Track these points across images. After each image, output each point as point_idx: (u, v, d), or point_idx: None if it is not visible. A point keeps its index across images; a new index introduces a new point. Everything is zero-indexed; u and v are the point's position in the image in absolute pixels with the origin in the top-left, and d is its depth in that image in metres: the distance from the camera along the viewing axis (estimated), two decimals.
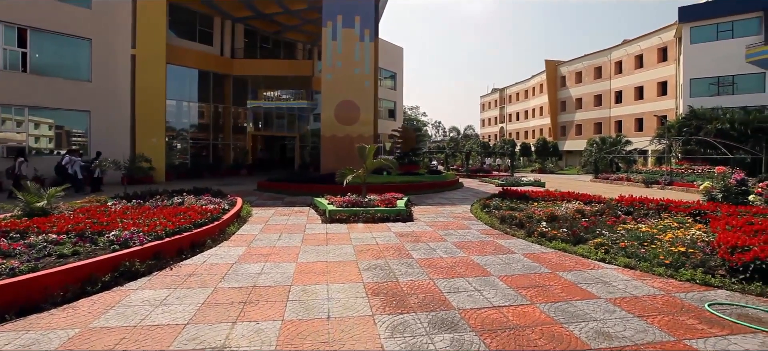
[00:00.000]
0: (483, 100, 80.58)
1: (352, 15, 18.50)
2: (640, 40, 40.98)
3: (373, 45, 18.92)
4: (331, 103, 18.03)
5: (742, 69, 29.21)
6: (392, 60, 37.16)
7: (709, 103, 29.68)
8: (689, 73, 31.75)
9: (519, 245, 6.60)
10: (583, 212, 8.63)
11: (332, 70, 18.24)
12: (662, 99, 37.69)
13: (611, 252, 5.86)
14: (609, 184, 23.83)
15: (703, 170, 21.78)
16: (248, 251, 6.05)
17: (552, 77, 53.37)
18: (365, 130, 17.97)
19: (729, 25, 30.04)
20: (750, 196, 9.40)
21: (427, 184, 15.01)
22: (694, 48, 31.41)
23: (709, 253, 5.37)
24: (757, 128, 26.18)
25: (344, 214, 8.63)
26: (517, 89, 65.81)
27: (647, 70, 39.62)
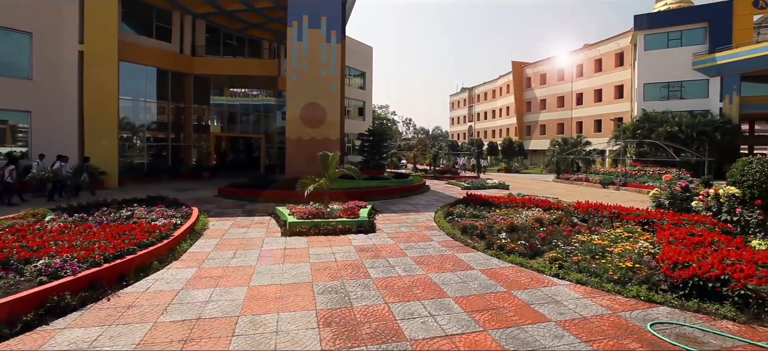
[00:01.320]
0: (452, 98, 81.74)
1: (318, 15, 18.11)
2: (599, 44, 42.80)
3: (339, 46, 18.61)
4: (297, 105, 17.61)
5: (690, 75, 31.13)
6: (361, 59, 36.91)
7: (661, 106, 31.47)
8: (643, 77, 33.47)
9: (478, 260, 6.65)
10: (542, 221, 8.83)
11: (297, 72, 17.80)
12: (619, 102, 39.57)
13: (565, 266, 6.00)
14: (569, 184, 24.76)
15: (653, 172, 23.02)
16: (198, 274, 5.74)
17: (518, 78, 54.86)
18: (331, 132, 17.69)
19: (678, 34, 31.90)
20: (693, 202, 9.96)
21: (393, 188, 14.98)
22: (648, 54, 33.14)
23: (653, 267, 5.60)
24: (701, 131, 28.08)
25: (305, 227, 8.41)
26: (485, 89, 67.18)
27: (606, 73, 41.46)
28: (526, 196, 13.12)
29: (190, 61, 21.84)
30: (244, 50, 25.60)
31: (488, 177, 21.60)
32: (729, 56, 28.42)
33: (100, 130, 16.39)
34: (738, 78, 28.91)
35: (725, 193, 9.03)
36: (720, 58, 28.98)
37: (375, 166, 16.98)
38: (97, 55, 16.36)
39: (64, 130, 15.72)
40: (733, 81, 29.03)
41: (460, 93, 77.62)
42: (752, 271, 4.87)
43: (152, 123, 21.04)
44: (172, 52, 20.98)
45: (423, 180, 18.48)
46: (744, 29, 29.13)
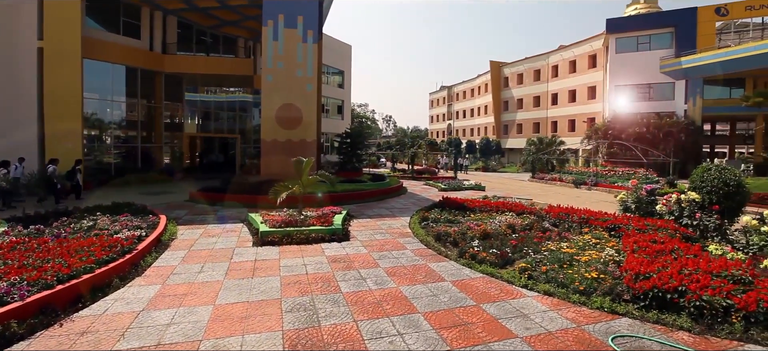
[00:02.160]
0: (432, 96, 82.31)
1: (295, 15, 17.81)
2: (574, 46, 43.95)
3: (316, 47, 18.37)
4: (272, 106, 17.29)
5: (657, 78, 32.34)
6: (340, 58, 36.62)
7: (631, 108, 32.62)
8: (614, 79, 34.58)
9: (450, 270, 6.68)
10: (514, 227, 8.97)
11: (273, 72, 17.46)
12: (592, 102, 40.79)
13: (534, 276, 6.11)
14: (544, 184, 25.34)
15: (623, 172, 23.84)
16: (162, 292, 5.52)
17: (496, 78, 55.73)
18: (308, 134, 17.48)
19: (647, 38, 33.08)
20: (657, 206, 10.33)
21: (370, 192, 14.92)
22: (619, 57, 34.24)
23: (618, 276, 5.76)
24: (667, 132, 29.26)
25: (277, 236, 8.26)
26: (464, 88, 67.95)
27: (580, 75, 42.64)
28: (500, 200, 13.34)
29: (160, 58, 21.09)
30: (218, 48, 24.93)
31: (466, 178, 21.84)
32: (693, 60, 29.67)
33: (62, 132, 15.62)
34: (701, 81, 30.23)
35: (686, 198, 9.39)
36: (685, 62, 30.21)
37: (352, 169, 16.85)
38: (58, 53, 15.56)
39: (23, 133, 14.90)
40: (697, 84, 30.34)
41: (440, 91, 78.24)
42: (707, 282, 5.08)
43: (120, 123, 20.21)
44: (142, 50, 20.20)
45: (400, 182, 18.49)
46: (707, 35, 30.46)
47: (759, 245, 7.67)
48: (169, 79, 22.09)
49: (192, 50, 23.62)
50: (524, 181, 27.90)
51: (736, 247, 8.01)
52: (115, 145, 19.86)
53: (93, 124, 18.89)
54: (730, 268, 5.45)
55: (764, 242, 7.61)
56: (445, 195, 15.15)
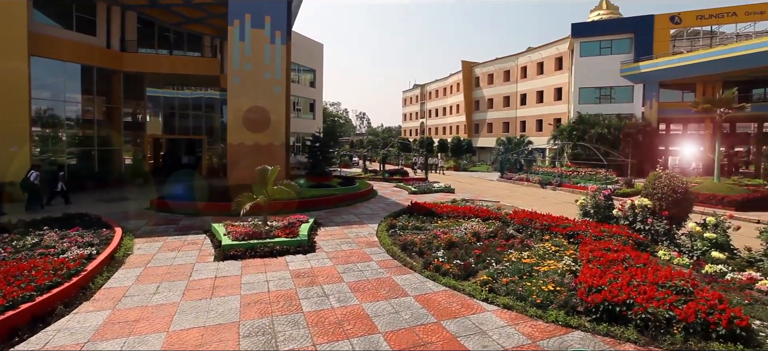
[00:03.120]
0: (405, 95, 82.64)
1: (262, 15, 17.36)
2: (541, 48, 45.21)
3: (285, 48, 17.99)
4: (239, 109, 16.80)
5: (618, 81, 33.84)
6: (311, 56, 36.11)
7: (594, 109, 33.95)
8: (579, 82, 35.86)
9: (413, 283, 6.72)
10: (479, 235, 9.14)
11: (239, 73, 16.97)
12: (558, 103, 42.15)
13: (495, 288, 6.25)
14: (512, 184, 26.01)
15: (586, 172, 24.82)
16: (111, 318, 5.25)
17: (467, 77, 56.61)
18: (276, 138, 17.11)
19: (609, 43, 34.49)
20: (614, 211, 10.82)
21: (339, 197, 14.79)
22: (583, 60, 35.52)
23: (573, 288, 5.97)
24: (626, 133, 30.67)
25: (240, 249, 8.04)
26: (437, 86, 68.59)
27: (547, 76, 43.95)
28: (468, 204, 13.57)
29: (119, 56, 20.04)
30: (183, 45, 23.95)
31: (439, 179, 22.04)
32: (650, 65, 31.23)
33: (6, 135, 14.58)
34: (657, 85, 31.88)
35: (640, 204, 9.88)
36: (643, 66, 31.76)
37: (321, 173, 16.63)
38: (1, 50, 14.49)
39: None
40: (653, 88, 31.98)
41: (413, 89, 78.66)
42: (653, 293, 5.35)
43: (75, 125, 19.07)
44: (98, 47, 19.10)
45: (370, 185, 18.45)
46: (663, 41, 32.12)
47: (702, 250, 8.19)
48: (130, 77, 21.05)
49: (154, 48, 22.59)
50: (493, 180, 28.55)
51: (682, 251, 8.52)
52: (70, 148, 18.72)
53: (44, 126, 17.73)
54: (674, 278, 5.76)
55: (706, 247, 8.13)
56: (414, 199, 15.26)
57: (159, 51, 22.72)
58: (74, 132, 19.01)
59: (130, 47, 20.63)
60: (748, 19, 29.94)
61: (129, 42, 20.63)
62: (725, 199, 16.28)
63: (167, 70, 21.32)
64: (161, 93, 24.95)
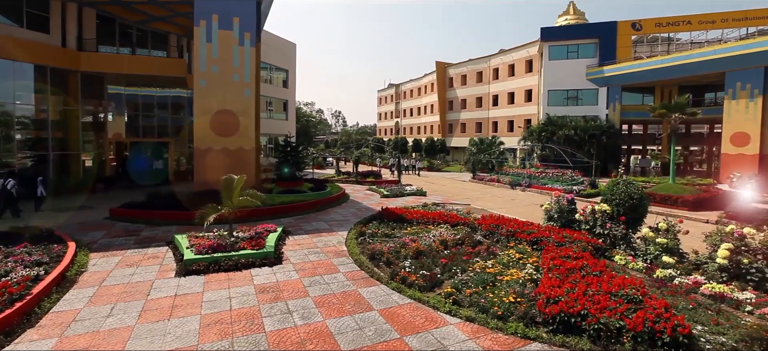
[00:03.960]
0: (380, 94, 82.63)
1: (230, 16, 16.91)
2: (513, 51, 46.22)
3: (254, 50, 17.60)
4: (206, 112, 16.33)
5: (584, 85, 35.11)
6: (284, 56, 35.53)
7: (562, 111, 35.09)
8: (548, 84, 36.95)
9: (379, 296, 6.74)
10: (446, 243, 9.26)
11: (207, 76, 16.48)
12: (528, 105, 43.26)
13: (459, 300, 6.35)
14: (483, 185, 26.54)
15: (553, 173, 25.63)
16: (58, 346, 4.97)
17: (441, 78, 57.21)
18: (245, 142, 16.75)
19: (576, 47, 35.72)
20: (576, 215, 11.22)
21: (310, 203, 14.60)
22: (552, 64, 36.61)
23: (533, 298, 6.14)
24: (591, 134, 31.89)
25: (203, 263, 7.82)
26: (412, 86, 68.95)
27: (518, 78, 44.99)
28: (438, 209, 13.71)
29: (76, 56, 19.01)
30: (147, 45, 23.00)
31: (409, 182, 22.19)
32: (613, 70, 32.58)
33: None
34: (620, 89, 33.30)
35: (599, 209, 10.28)
36: (607, 71, 33.09)
37: (292, 178, 16.38)
38: None
39: None
40: (616, 91, 33.39)
41: (388, 89, 78.75)
42: (606, 303, 5.58)
43: (27, 128, 17.96)
44: (52, 46, 18.05)
45: (342, 189, 18.35)
46: (625, 47, 33.57)
47: (654, 254, 8.62)
48: (89, 76, 20.02)
49: (115, 47, 21.58)
50: (466, 181, 29.04)
51: (637, 255, 8.94)
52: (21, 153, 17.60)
53: None
54: (626, 287, 6.03)
55: (658, 252, 8.56)
56: (385, 204, 15.30)
57: (120, 50, 21.73)
58: (27, 135, 17.91)
59: (88, 46, 19.63)
60: (701, 27, 31.73)
61: (87, 40, 19.62)
62: (679, 199, 17.19)
63: (129, 71, 20.45)
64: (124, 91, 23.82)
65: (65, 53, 18.62)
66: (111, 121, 23.55)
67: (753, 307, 6.19)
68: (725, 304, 6.44)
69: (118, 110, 23.87)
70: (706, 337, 5.25)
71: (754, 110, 24.28)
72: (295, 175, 16.57)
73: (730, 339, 5.18)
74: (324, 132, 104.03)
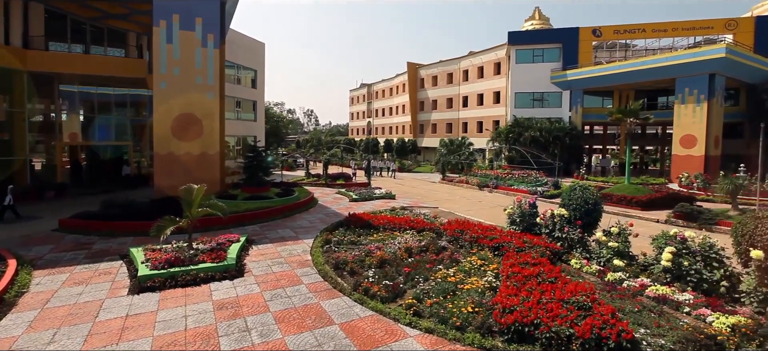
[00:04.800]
0: (352, 93, 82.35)
1: (192, 16, 16.33)
2: (482, 53, 47.20)
3: (218, 52, 17.10)
4: (167, 117, 15.71)
5: (549, 88, 36.33)
6: (252, 56, 34.70)
7: (528, 113, 36.16)
8: (515, 87, 37.97)
9: (341, 309, 6.71)
10: (411, 250, 9.35)
11: (167, 78, 15.85)
12: (497, 106, 44.33)
13: (420, 310, 6.43)
14: (452, 186, 26.98)
15: (520, 175, 26.40)
16: None
17: (413, 79, 57.67)
18: (209, 147, 16.25)
19: (541, 51, 36.86)
20: (538, 219, 11.61)
21: (276, 209, 14.34)
22: (519, 67, 37.64)
23: (491, 307, 6.30)
24: (556, 136, 33.07)
25: (159, 279, 7.52)
26: (384, 86, 69.12)
27: (487, 80, 46.00)
28: (405, 214, 13.82)
29: (21, 54, 17.79)
30: (102, 42, 21.80)
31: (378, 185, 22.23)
32: (576, 74, 33.92)
33: None
34: (581, 92, 34.71)
35: (558, 214, 10.69)
36: (570, 75, 34.40)
37: (258, 184, 16.02)
38: None
39: None
40: (579, 94, 34.78)
41: (360, 88, 78.58)
42: (558, 311, 5.81)
43: None
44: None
45: (310, 194, 18.13)
46: (586, 52, 35.01)
47: (607, 257, 9.05)
48: (39, 77, 18.79)
49: (67, 45, 20.36)
50: (435, 182, 29.44)
51: (592, 257, 9.37)
52: None
53: None
54: (578, 293, 6.30)
55: (610, 255, 9.00)
56: (353, 209, 15.27)
57: (73, 48, 20.53)
58: None
59: (35, 44, 18.42)
60: (654, 35, 33.57)
61: (34, 38, 18.41)
62: (633, 199, 18.13)
63: (83, 71, 19.36)
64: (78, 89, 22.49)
65: (9, 51, 17.38)
66: (65, 121, 22.25)
67: (690, 308, 6.63)
68: (667, 305, 6.86)
69: (72, 111, 22.57)
70: (647, 339, 5.57)
71: (700, 114, 25.94)
72: (261, 180, 16.18)
73: (669, 341, 5.52)
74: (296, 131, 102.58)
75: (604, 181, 26.97)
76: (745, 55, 27.20)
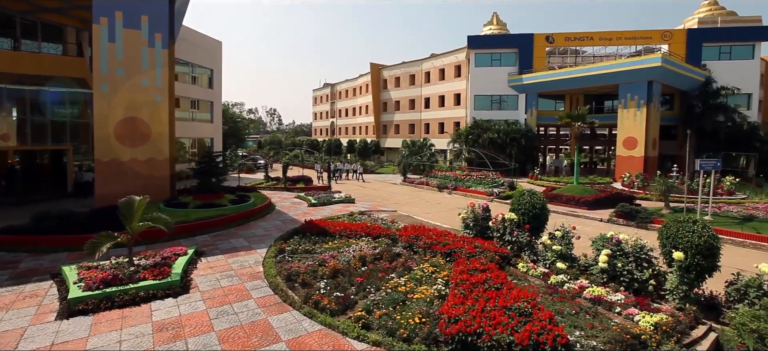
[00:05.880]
0: (315, 93, 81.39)
1: (137, 13, 15.48)
2: (443, 56, 48.13)
3: (167, 53, 16.31)
4: (110, 120, 14.81)
5: (507, 91, 37.68)
6: (209, 55, 33.39)
7: (487, 115, 37.34)
8: (474, 89, 39.06)
9: (289, 324, 6.60)
10: (365, 259, 9.37)
11: (110, 80, 14.93)
12: (458, 108, 45.40)
13: (369, 322, 6.45)
14: (413, 188, 27.31)
15: (478, 176, 27.19)
16: None
17: (376, 79, 57.84)
18: (157, 152, 15.49)
19: (499, 55, 38.16)
20: (490, 222, 12.00)
21: (230, 217, 13.82)
22: (478, 70, 38.75)
23: (437, 317, 6.43)
24: (512, 138, 34.36)
25: (92, 301, 7.04)
26: (347, 86, 68.84)
27: (448, 82, 46.99)
28: (362, 221, 13.81)
29: None
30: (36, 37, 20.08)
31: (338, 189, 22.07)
32: (530, 78, 35.40)
33: None
34: (536, 95, 36.29)
35: (508, 218, 11.10)
36: (525, 79, 35.85)
37: (210, 191, 15.43)
38: None
39: None
40: (533, 98, 36.34)
41: (323, 88, 77.81)
42: (501, 318, 6.03)
43: None
44: None
45: (268, 199, 17.68)
46: (541, 57, 36.64)
47: (551, 260, 9.51)
48: None
49: None
50: (397, 184, 29.69)
51: (538, 260, 9.80)
52: None
53: None
54: (520, 300, 6.57)
55: (554, 257, 9.46)
56: (311, 215, 15.07)
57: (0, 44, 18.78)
58: None
59: None
60: (601, 43, 35.74)
61: None
62: (581, 199, 19.19)
63: (12, 70, 17.75)
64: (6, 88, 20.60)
65: None
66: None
67: (621, 308, 7.10)
68: (601, 306, 7.31)
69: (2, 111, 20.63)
70: (581, 342, 5.90)
71: (640, 118, 27.91)
72: (214, 186, 15.58)
73: (600, 342, 5.88)
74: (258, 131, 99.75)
75: (556, 180, 28.34)
76: (678, 64, 29.59)
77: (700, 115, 30.07)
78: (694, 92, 30.91)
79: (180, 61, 30.27)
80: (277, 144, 54.93)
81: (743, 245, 12.84)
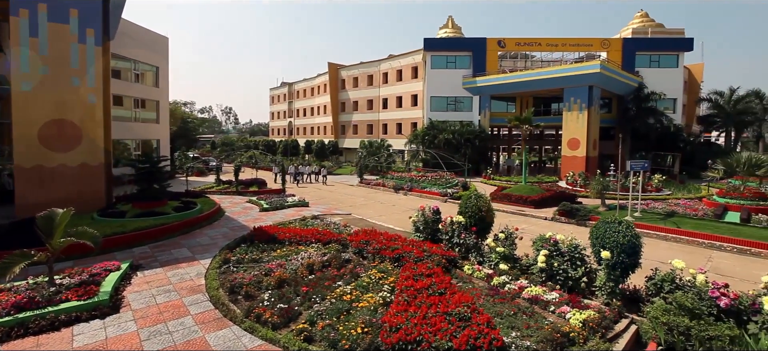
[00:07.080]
0: (272, 92, 79.33)
1: (65, 6, 14.23)
2: (400, 57, 48.56)
3: (101, 49, 15.13)
4: (32, 123, 13.50)
5: (462, 93, 38.71)
6: (154, 52, 31.45)
7: (443, 116, 38.16)
8: (430, 91, 39.77)
9: (228, 340, 6.35)
10: (313, 267, 9.22)
11: (32, 78, 13.61)
12: (415, 109, 46.01)
13: (311, 334, 6.34)
14: (369, 189, 27.34)
15: (433, 176, 27.72)
16: None
17: (334, 79, 57.30)
18: (90, 157, 14.35)
19: (454, 58, 39.12)
20: (440, 225, 12.25)
21: (173, 226, 13.02)
22: (434, 72, 39.48)
23: (380, 326, 6.45)
24: (467, 138, 35.37)
25: (2, 330, 6.36)
26: (305, 86, 67.65)
27: (405, 83, 47.48)
28: (314, 226, 13.60)
29: None
30: None
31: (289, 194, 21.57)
32: (484, 81, 36.61)
33: None
34: (489, 97, 37.60)
35: (456, 220, 11.39)
36: (479, 81, 37.02)
37: (152, 197, 14.50)
38: None
39: None
40: (487, 99, 37.61)
41: (281, 87, 75.99)
42: (441, 324, 6.15)
43: None
44: None
45: (217, 204, 16.95)
46: (493, 61, 37.99)
47: (495, 261, 9.87)
48: None
49: None
50: (353, 185, 29.60)
51: (483, 261, 10.13)
52: None
53: None
54: (461, 305, 6.74)
55: (498, 259, 9.83)
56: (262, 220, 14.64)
57: None
58: None
59: None
60: (548, 49, 37.72)
61: None
62: (528, 199, 20.12)
63: None
64: None
65: None
66: None
67: (555, 306, 7.50)
68: (538, 305, 7.68)
69: None
70: (517, 342, 6.15)
71: (582, 120, 29.77)
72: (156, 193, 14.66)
73: (533, 342, 6.16)
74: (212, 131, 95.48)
75: (507, 180, 29.55)
76: (615, 70, 31.89)
77: (634, 117, 32.62)
78: (629, 96, 33.47)
79: (121, 58, 28.30)
80: (231, 144, 52.82)
81: (666, 239, 14.06)
